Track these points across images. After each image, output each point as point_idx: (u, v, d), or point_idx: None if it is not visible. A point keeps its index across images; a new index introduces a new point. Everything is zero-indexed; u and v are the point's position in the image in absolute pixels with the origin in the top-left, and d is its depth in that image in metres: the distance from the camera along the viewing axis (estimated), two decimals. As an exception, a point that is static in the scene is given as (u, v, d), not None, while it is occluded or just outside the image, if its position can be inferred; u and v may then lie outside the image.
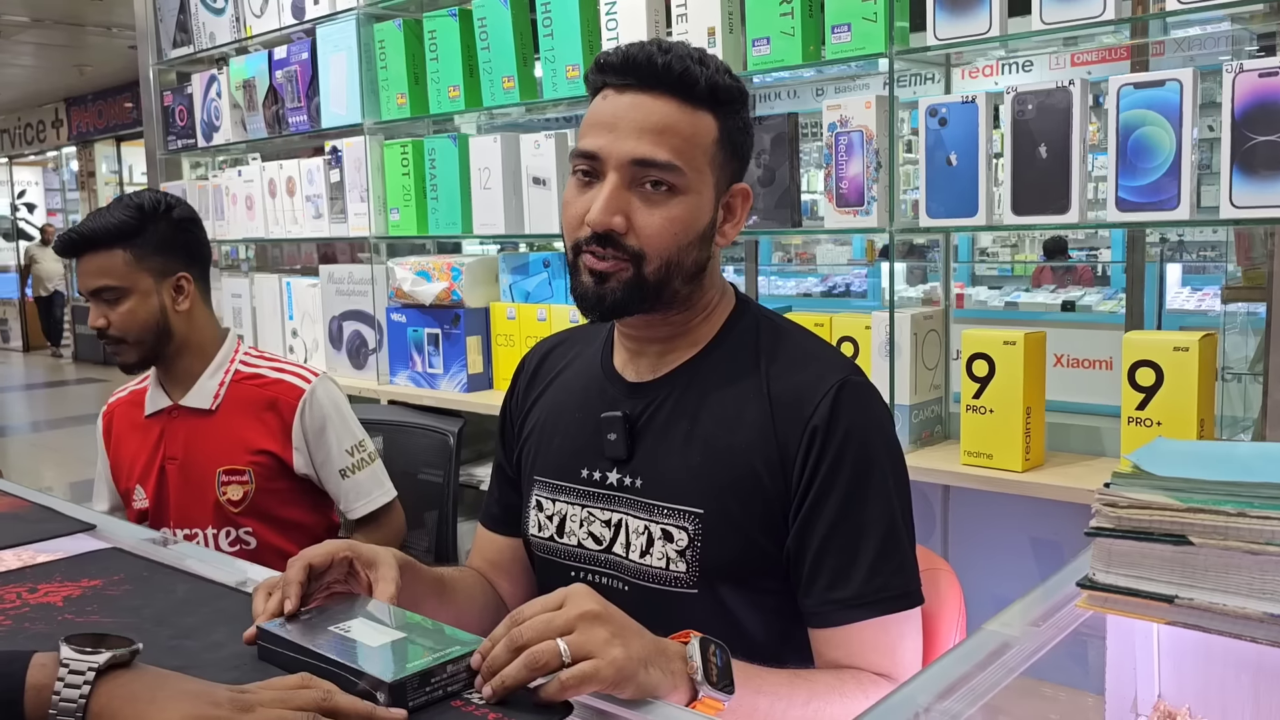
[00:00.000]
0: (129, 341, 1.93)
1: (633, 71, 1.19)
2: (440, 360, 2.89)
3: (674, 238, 1.19)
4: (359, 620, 1.07)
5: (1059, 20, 1.81)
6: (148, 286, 1.92)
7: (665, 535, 1.23)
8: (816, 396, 1.20)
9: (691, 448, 1.24)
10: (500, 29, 2.63)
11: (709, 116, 1.20)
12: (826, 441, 1.19)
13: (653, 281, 1.20)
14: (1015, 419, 1.87)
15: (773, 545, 1.21)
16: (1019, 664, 1.14)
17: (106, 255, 1.89)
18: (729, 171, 1.24)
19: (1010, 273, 8.57)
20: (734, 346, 1.28)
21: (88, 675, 0.84)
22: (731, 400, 1.25)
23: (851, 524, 1.18)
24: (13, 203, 15.35)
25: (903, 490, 1.24)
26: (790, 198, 2.18)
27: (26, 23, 10.04)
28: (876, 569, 1.18)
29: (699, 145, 1.19)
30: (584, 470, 1.31)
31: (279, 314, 3.38)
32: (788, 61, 2.11)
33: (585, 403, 1.34)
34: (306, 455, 1.99)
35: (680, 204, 1.19)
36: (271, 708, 0.86)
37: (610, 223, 1.18)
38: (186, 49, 3.57)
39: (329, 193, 3.13)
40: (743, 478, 1.21)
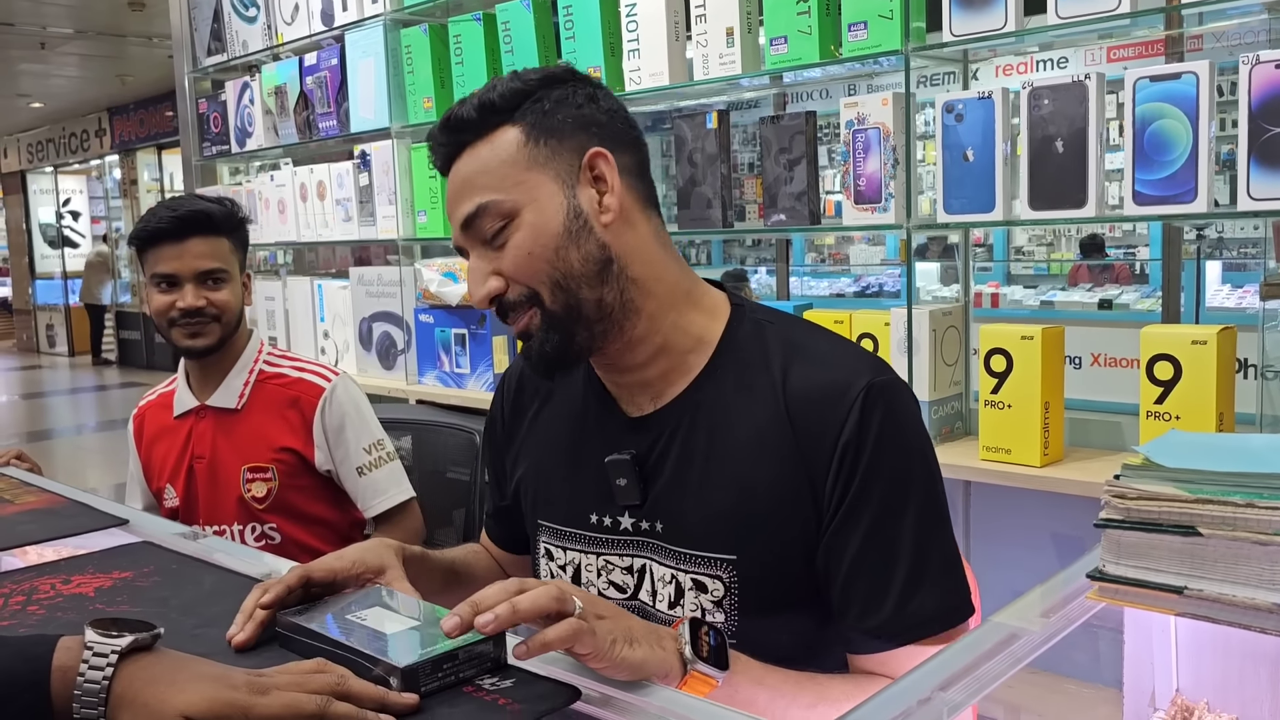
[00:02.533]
0: (221, 322, 1.99)
1: (435, 153, 1.18)
2: (467, 360, 2.93)
3: (532, 257, 1.12)
4: (375, 609, 1.10)
5: (1075, 15, 1.82)
6: (237, 277, 2.01)
7: (698, 586, 1.16)
8: (843, 408, 1.11)
9: (711, 486, 1.15)
10: (523, 32, 2.66)
11: (505, 128, 1.14)
12: (858, 458, 1.10)
13: (561, 311, 1.13)
14: (1033, 414, 1.87)
15: (805, 570, 1.14)
16: (1026, 654, 1.14)
17: (217, 240, 1.98)
18: (567, 150, 1.14)
19: (1046, 271, 8.50)
20: (738, 360, 1.18)
21: (110, 658, 0.87)
22: (747, 424, 1.15)
23: (883, 542, 1.11)
24: (58, 211, 15.61)
25: (938, 500, 1.15)
26: (810, 195, 2.19)
27: (70, 34, 10.21)
28: (909, 594, 1.11)
29: (503, 163, 1.13)
30: (593, 516, 1.23)
31: (311, 316, 3.44)
32: (805, 60, 2.13)
33: (583, 439, 1.25)
34: (327, 452, 2.03)
35: (518, 227, 1.12)
36: (287, 690, 0.89)
37: (485, 291, 1.14)
38: (220, 57, 3.64)
39: (358, 196, 3.18)
40: (772, 513, 1.13)
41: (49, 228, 15.84)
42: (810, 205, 2.19)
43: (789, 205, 2.22)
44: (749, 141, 2.25)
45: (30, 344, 15.67)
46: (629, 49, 2.44)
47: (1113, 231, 7.74)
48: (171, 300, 1.97)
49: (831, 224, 2.21)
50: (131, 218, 14.05)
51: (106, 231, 14.97)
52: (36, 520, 1.66)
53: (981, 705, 1.31)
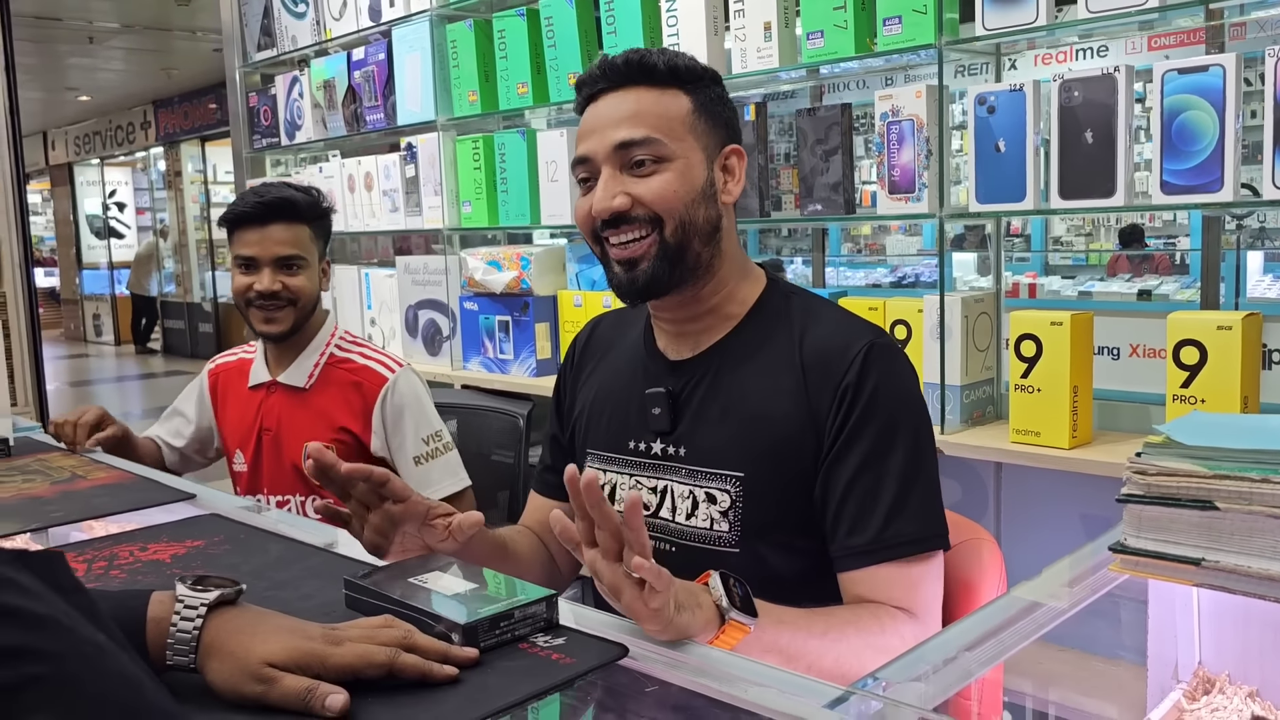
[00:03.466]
0: (295, 307, 2.08)
1: (603, 77, 1.33)
2: (510, 346, 3.01)
3: (676, 196, 1.30)
4: (435, 573, 1.18)
5: (1105, 9, 1.86)
6: (315, 263, 2.10)
7: (709, 498, 1.33)
8: (846, 359, 1.30)
9: (730, 418, 1.34)
10: (566, 27, 2.73)
11: (679, 93, 1.33)
12: (855, 398, 1.28)
13: (674, 244, 1.31)
14: (1062, 397, 1.92)
15: (808, 504, 1.30)
16: (1050, 621, 1.21)
17: (298, 228, 2.07)
18: (716, 137, 1.35)
19: (1085, 262, 8.45)
20: (766, 322, 1.38)
21: (200, 610, 0.95)
22: (766, 371, 1.34)
23: (872, 474, 1.27)
24: (104, 202, 15.87)
25: (925, 445, 1.32)
26: (845, 185, 2.25)
27: (117, 29, 10.39)
28: (893, 516, 1.26)
29: (674, 117, 1.31)
30: (631, 442, 1.42)
31: (358, 303, 3.53)
32: (841, 53, 2.19)
33: (631, 381, 1.44)
34: (383, 439, 2.12)
35: (670, 169, 1.30)
36: (359, 642, 0.97)
37: (613, 205, 1.30)
38: (270, 52, 3.73)
39: (404, 187, 3.27)
40: (779, 442, 1.31)
41: (95, 219, 16.10)
42: (845, 195, 2.25)
43: (825, 195, 2.28)
44: (785, 131, 2.30)
45: (77, 333, 15.96)
46: (669, 42, 2.50)
47: (1152, 221, 7.69)
48: (250, 282, 2.07)
49: (866, 213, 2.27)
50: (176, 209, 14.26)
51: (153, 223, 15.20)
52: (110, 494, 1.76)
53: (1010, 680, 1.37)
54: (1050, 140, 1.94)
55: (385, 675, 0.95)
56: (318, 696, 0.91)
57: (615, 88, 1.33)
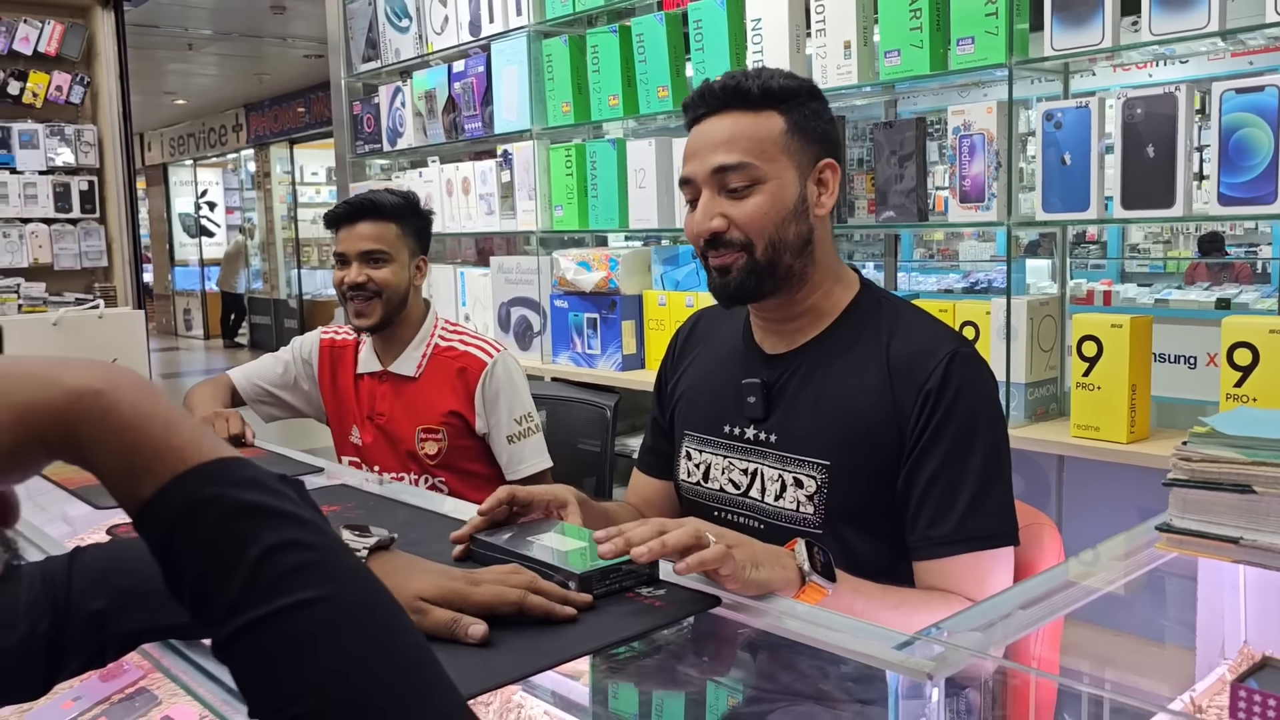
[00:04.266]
0: (381, 299, 2.26)
1: (702, 102, 1.47)
2: (598, 342, 3.19)
3: (766, 219, 1.42)
4: (552, 534, 1.36)
5: (1167, 32, 1.99)
6: (404, 259, 2.29)
7: (796, 482, 1.46)
8: (930, 365, 1.40)
9: (819, 409, 1.46)
10: (656, 43, 2.91)
11: (774, 114, 1.44)
12: (937, 403, 1.39)
13: (764, 262, 1.43)
14: (1121, 395, 2.05)
15: (886, 492, 1.42)
16: (1100, 588, 1.35)
17: (384, 225, 2.27)
18: (810, 153, 1.45)
19: (1162, 269, 8.39)
20: (857, 323, 1.49)
21: (363, 553, 1.13)
22: (855, 369, 1.46)
23: (952, 473, 1.38)
24: (196, 201, 16.39)
25: (1001, 448, 1.43)
26: (918, 193, 2.39)
27: (213, 36, 10.77)
28: (970, 512, 1.37)
29: (768, 139, 1.43)
30: (726, 426, 1.55)
31: (453, 300, 3.74)
32: (916, 71, 2.33)
33: (729, 370, 1.57)
34: (485, 418, 2.31)
35: (763, 191, 1.42)
36: (494, 584, 1.15)
37: (710, 226, 1.44)
38: (375, 64, 3.96)
39: (500, 191, 3.47)
40: (864, 434, 1.42)
41: (187, 217, 16.64)
42: (919, 203, 2.39)
43: (899, 203, 2.42)
44: (859, 137, 2.43)
45: (169, 327, 16.50)
46: (753, 59, 2.66)
47: (1234, 229, 7.63)
48: (343, 275, 2.28)
49: (938, 220, 2.40)
50: (264, 209, 14.69)
51: (241, 222, 15.66)
52: (249, 467, 1.96)
53: (1065, 660, 1.50)
54: (1114, 153, 2.07)
55: (516, 612, 1.12)
56: (461, 626, 1.08)
57: (714, 112, 1.45)
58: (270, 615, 0.61)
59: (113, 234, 5.45)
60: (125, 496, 0.62)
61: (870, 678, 1.14)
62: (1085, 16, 2.07)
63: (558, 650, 1.11)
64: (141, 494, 0.61)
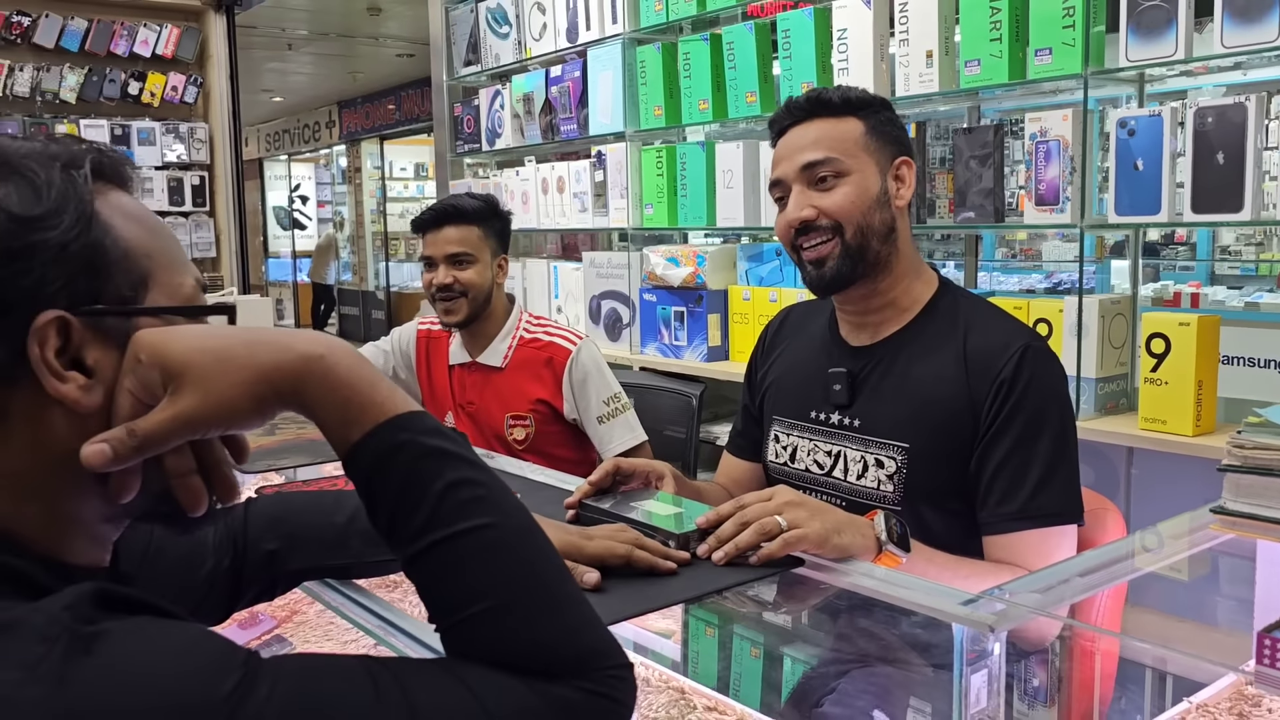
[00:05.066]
0: (467, 298, 2.44)
1: (789, 114, 1.63)
2: (685, 334, 3.35)
3: (854, 205, 1.57)
4: (651, 500, 1.53)
5: (1237, 45, 2.08)
6: (486, 260, 2.46)
7: (878, 463, 1.60)
8: (1004, 358, 1.53)
9: (900, 397, 1.59)
10: (745, 51, 3.06)
11: (853, 119, 1.60)
12: (1010, 392, 1.51)
13: (855, 245, 1.57)
14: (1188, 390, 2.15)
15: (961, 474, 1.55)
16: (1155, 563, 1.48)
17: (468, 229, 2.44)
18: (888, 152, 1.61)
19: (1254, 272, 8.26)
20: (936, 319, 1.62)
21: None
22: (934, 361, 1.58)
23: (1021, 456, 1.50)
24: (290, 195, 16.87)
25: (1069, 436, 1.55)
26: (996, 194, 2.51)
27: (310, 36, 11.12)
28: (1037, 491, 1.49)
29: (849, 139, 1.59)
30: (812, 412, 1.69)
31: (546, 293, 3.94)
32: (995, 80, 2.45)
33: (816, 361, 1.71)
34: (573, 403, 2.47)
35: (848, 182, 1.58)
36: (604, 540, 1.32)
37: (802, 215, 1.58)
38: (476, 68, 4.17)
39: (593, 190, 3.64)
40: (941, 420, 1.55)
41: (280, 211, 17.14)
42: (995, 204, 2.51)
43: (977, 203, 2.54)
44: (940, 136, 2.53)
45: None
46: (838, 67, 2.80)
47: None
48: (431, 278, 2.47)
49: (1014, 221, 2.51)
50: (354, 203, 15.08)
51: (332, 216, 16.06)
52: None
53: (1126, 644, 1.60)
54: (1185, 159, 2.17)
55: (623, 565, 1.29)
56: (578, 573, 1.24)
57: (799, 121, 1.62)
58: (451, 537, 0.78)
59: (221, 226, 5.77)
60: (338, 440, 0.80)
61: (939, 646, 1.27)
62: (1159, 29, 2.17)
63: (660, 596, 1.28)
64: (351, 438, 0.79)
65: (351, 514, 1.20)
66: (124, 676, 0.65)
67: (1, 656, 0.64)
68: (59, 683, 0.63)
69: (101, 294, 0.77)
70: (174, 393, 0.75)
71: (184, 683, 0.66)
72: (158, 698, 0.65)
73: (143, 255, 0.80)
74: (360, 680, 0.72)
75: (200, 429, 0.76)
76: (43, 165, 0.77)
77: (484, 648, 0.76)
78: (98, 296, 0.77)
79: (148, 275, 0.80)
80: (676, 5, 3.24)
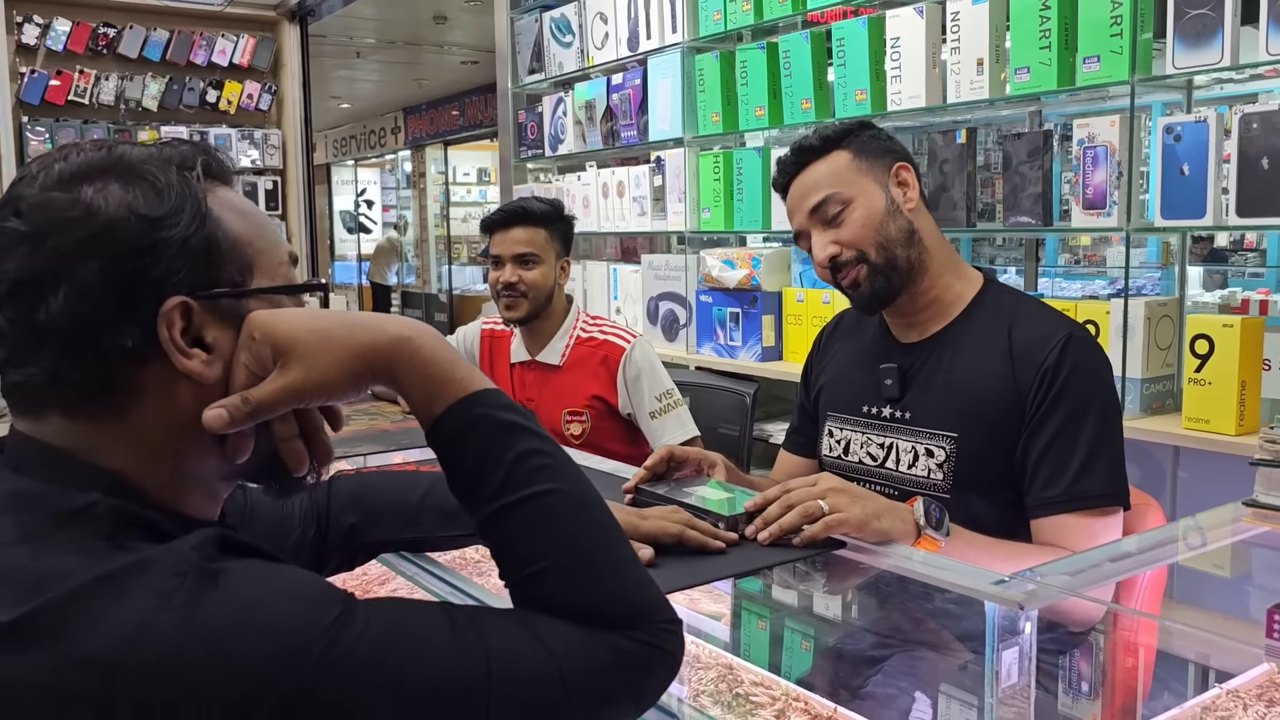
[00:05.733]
0: (529, 297, 2.56)
1: (783, 172, 1.76)
2: (739, 334, 3.44)
3: (866, 226, 1.67)
4: (703, 486, 1.62)
5: (1282, 52, 2.13)
6: (551, 261, 2.59)
7: (928, 453, 1.68)
8: (1047, 347, 1.60)
9: (949, 390, 1.68)
10: (800, 59, 3.14)
11: (837, 151, 1.71)
12: (1053, 380, 1.58)
13: (881, 261, 1.67)
14: (1230, 390, 2.19)
15: (1007, 462, 1.63)
16: (1189, 551, 1.54)
17: (535, 230, 2.57)
18: (882, 165, 1.70)
19: (1333, 279, 8.12)
20: (982, 315, 1.71)
21: None
22: (980, 355, 1.67)
23: (1065, 441, 1.57)
24: (355, 200, 17.18)
25: (1113, 421, 1.62)
26: (1043, 199, 2.57)
27: (376, 44, 11.36)
28: (1080, 475, 1.56)
29: (841, 169, 1.70)
30: (865, 406, 1.79)
31: (605, 294, 4.05)
32: (1044, 87, 2.51)
33: (868, 358, 1.81)
34: (627, 399, 2.58)
35: (855, 207, 1.68)
36: (658, 520, 1.42)
37: (827, 254, 1.69)
38: (539, 75, 4.29)
39: (652, 194, 3.75)
40: (988, 412, 1.63)
41: (346, 215, 17.46)
42: (1045, 208, 2.57)
43: (1027, 207, 2.60)
44: (1002, 140, 2.60)
45: (328, 318, 17.27)
46: (891, 75, 2.87)
47: None
48: (497, 276, 2.59)
49: (1063, 226, 2.56)
50: (418, 207, 15.32)
51: (396, 220, 16.31)
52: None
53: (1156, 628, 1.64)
54: (1230, 164, 2.21)
55: (675, 542, 1.39)
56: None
57: (794, 175, 1.73)
58: (522, 500, 0.88)
59: (292, 229, 5.97)
60: (423, 414, 0.90)
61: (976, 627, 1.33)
62: (1206, 37, 2.22)
63: (708, 572, 1.38)
64: (435, 412, 0.89)
65: (425, 492, 1.31)
66: (244, 605, 0.76)
67: (140, 587, 0.75)
68: (190, 609, 0.74)
69: (216, 280, 0.88)
70: (282, 366, 0.87)
71: (295, 612, 0.77)
72: (273, 623, 0.76)
73: (247, 244, 0.91)
74: (440, 620, 0.82)
75: (304, 399, 0.87)
76: (161, 169, 0.88)
77: (548, 600, 0.87)
78: (214, 282, 0.88)
79: (252, 261, 0.91)
80: (735, 15, 3.33)
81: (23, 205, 0.84)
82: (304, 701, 0.74)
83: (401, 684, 0.78)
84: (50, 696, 0.72)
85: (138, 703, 0.72)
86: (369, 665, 0.77)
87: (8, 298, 0.83)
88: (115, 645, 0.72)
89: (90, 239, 0.83)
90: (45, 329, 0.83)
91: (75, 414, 0.85)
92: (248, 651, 0.74)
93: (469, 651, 0.81)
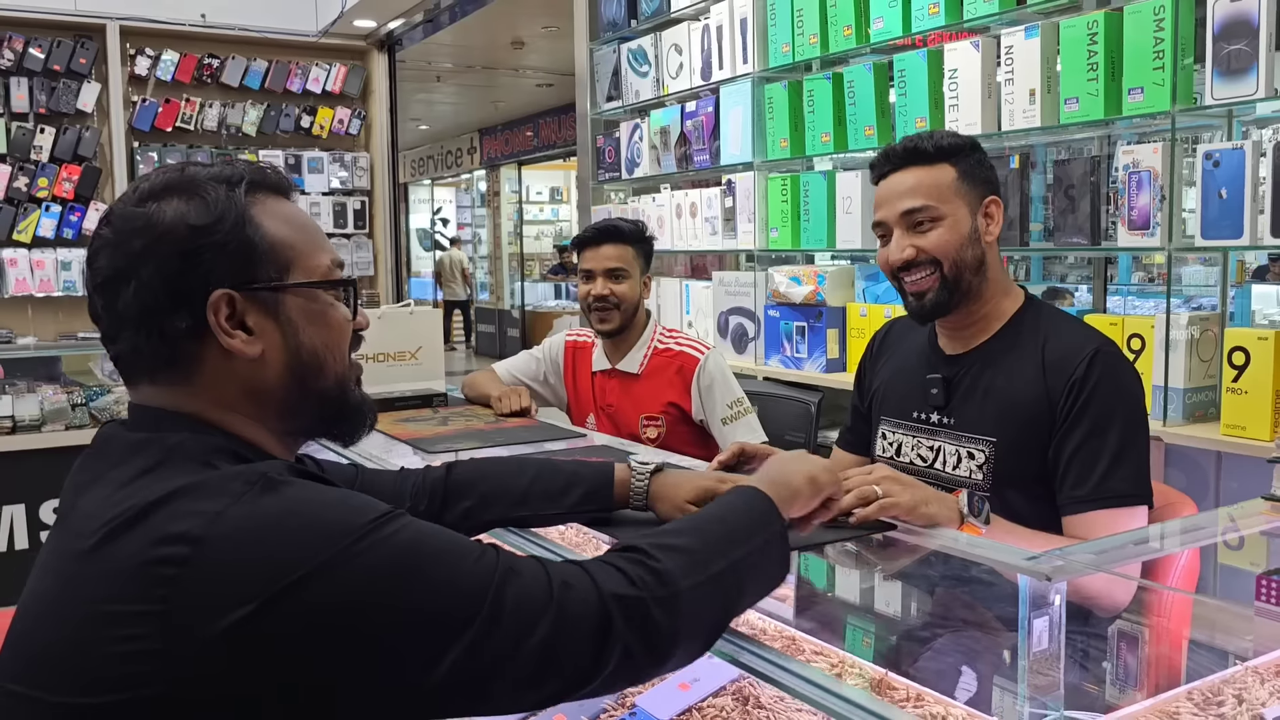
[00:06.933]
0: (620, 309, 2.80)
1: (888, 162, 1.88)
2: (805, 347, 3.63)
3: (949, 245, 1.81)
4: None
5: (1314, 84, 2.28)
6: (636, 276, 2.82)
7: (970, 455, 1.87)
8: (1077, 360, 1.76)
9: (989, 398, 1.85)
10: (864, 89, 3.34)
11: (945, 166, 1.83)
12: (1081, 390, 1.75)
13: (951, 278, 1.82)
14: (1266, 399, 2.34)
15: (1042, 463, 1.80)
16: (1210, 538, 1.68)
17: (624, 247, 2.81)
18: (978, 193, 1.83)
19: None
20: (1020, 330, 1.87)
21: (647, 474, 1.60)
22: (1017, 367, 1.84)
23: (1092, 445, 1.73)
24: (432, 218, 17.63)
25: (1139, 428, 1.77)
26: (1092, 221, 2.74)
27: (455, 69, 11.76)
28: (1106, 476, 1.71)
29: (943, 185, 1.82)
30: (914, 412, 1.97)
31: (678, 309, 4.27)
32: (1092, 117, 2.68)
33: (916, 367, 2.00)
34: (700, 406, 2.79)
35: (943, 225, 1.82)
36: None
37: (903, 256, 1.83)
38: (617, 103, 4.54)
39: (723, 215, 3.96)
40: (1023, 417, 1.80)
41: (422, 232, 17.92)
42: (1093, 227, 2.73)
43: (1077, 226, 2.77)
44: (1058, 162, 2.77)
45: (403, 333, 17.68)
46: (949, 104, 3.05)
47: None
48: (589, 289, 2.81)
49: (1109, 245, 2.72)
50: (492, 225, 15.72)
51: (472, 238, 16.66)
52: (529, 431, 2.51)
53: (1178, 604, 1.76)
54: (1266, 186, 2.37)
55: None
56: None
57: (898, 168, 1.87)
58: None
59: (378, 247, 6.29)
60: None
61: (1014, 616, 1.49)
62: (1243, 70, 2.38)
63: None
64: None
65: (533, 477, 1.55)
66: (297, 504, 0.97)
67: (220, 492, 0.97)
68: (251, 504, 0.96)
69: (256, 276, 1.10)
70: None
71: (338, 511, 0.97)
72: (318, 516, 0.96)
73: (288, 246, 1.13)
74: (470, 547, 1.02)
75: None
76: (213, 185, 1.10)
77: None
78: (253, 278, 1.09)
79: (291, 261, 1.13)
80: (802, 47, 3.54)
81: (112, 217, 1.09)
82: (326, 583, 0.91)
83: (414, 584, 0.94)
84: (143, 566, 0.92)
85: (211, 564, 0.91)
86: (390, 559, 0.94)
87: (101, 288, 1.08)
88: (196, 526, 0.92)
89: (150, 245, 1.06)
90: (124, 314, 1.07)
91: (157, 380, 1.09)
92: (288, 538, 0.93)
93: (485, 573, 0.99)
